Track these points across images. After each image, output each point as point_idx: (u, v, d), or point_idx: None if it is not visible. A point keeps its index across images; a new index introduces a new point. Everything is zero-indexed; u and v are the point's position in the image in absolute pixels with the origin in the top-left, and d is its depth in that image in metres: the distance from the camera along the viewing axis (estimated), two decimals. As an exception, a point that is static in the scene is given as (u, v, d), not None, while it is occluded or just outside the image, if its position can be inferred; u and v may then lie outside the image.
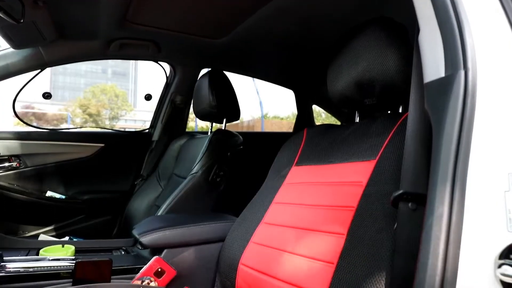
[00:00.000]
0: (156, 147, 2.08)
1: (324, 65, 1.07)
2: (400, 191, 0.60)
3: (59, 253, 1.14)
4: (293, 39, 1.60)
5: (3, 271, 0.92)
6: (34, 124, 1.89)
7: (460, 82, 0.50)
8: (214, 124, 1.81)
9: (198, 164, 1.53)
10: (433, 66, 0.56)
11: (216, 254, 1.09)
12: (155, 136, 2.11)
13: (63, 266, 0.98)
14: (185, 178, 1.54)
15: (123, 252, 1.28)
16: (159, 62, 1.96)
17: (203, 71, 1.99)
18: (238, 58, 1.87)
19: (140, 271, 1.00)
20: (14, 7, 1.09)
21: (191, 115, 2.15)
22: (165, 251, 1.05)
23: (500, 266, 0.46)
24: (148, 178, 2.00)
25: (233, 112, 1.70)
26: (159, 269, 1.01)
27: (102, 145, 1.99)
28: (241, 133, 1.76)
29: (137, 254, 1.23)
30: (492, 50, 0.53)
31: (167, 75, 2.08)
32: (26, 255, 1.13)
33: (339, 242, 0.74)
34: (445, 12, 0.55)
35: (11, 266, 0.94)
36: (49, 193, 1.87)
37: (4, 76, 1.47)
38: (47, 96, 1.82)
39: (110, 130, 2.23)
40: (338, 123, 2.56)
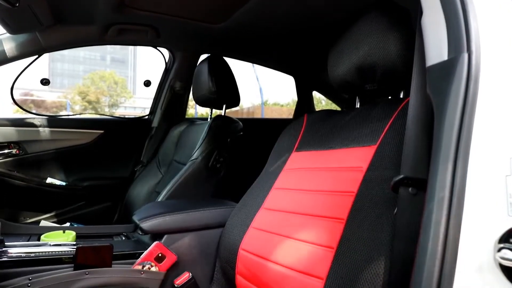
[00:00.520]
0: (156, 133, 2.08)
1: (325, 51, 1.06)
2: (401, 176, 0.60)
3: (60, 238, 1.15)
4: (293, 24, 1.58)
5: (5, 256, 0.93)
6: (33, 111, 1.88)
7: (463, 65, 0.49)
8: (214, 110, 1.80)
9: (198, 150, 1.52)
10: (436, 49, 0.55)
11: (216, 239, 1.10)
12: (155, 123, 2.10)
13: (64, 251, 0.98)
14: (185, 164, 1.54)
15: (123, 238, 1.29)
16: (158, 47, 1.94)
17: (203, 56, 1.97)
18: (238, 44, 1.85)
19: (141, 256, 1.01)
20: (9, -10, 1.07)
21: (191, 102, 2.13)
22: (165, 236, 1.06)
23: (499, 250, 0.46)
24: (148, 164, 2.00)
25: (233, 98, 1.69)
26: (160, 254, 1.01)
27: (102, 131, 1.99)
28: (241, 120, 1.75)
29: (137, 239, 1.24)
30: (496, 34, 0.52)
31: (166, 61, 2.06)
32: (27, 241, 1.14)
33: (339, 227, 0.74)
34: (449, -6, 0.54)
35: (13, 252, 0.95)
36: (49, 180, 1.88)
37: (0, 62, 1.45)
38: (45, 82, 1.80)
39: (109, 117, 2.22)
40: (339, 109, 2.55)
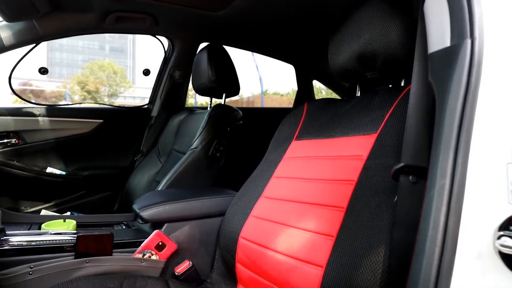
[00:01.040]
0: (155, 122, 2.07)
1: (326, 39, 1.04)
2: (401, 164, 0.60)
3: (61, 227, 1.15)
4: (293, 12, 1.56)
5: (6, 245, 0.93)
6: (32, 101, 1.87)
7: (466, 52, 0.48)
8: (213, 99, 1.79)
9: (197, 139, 1.52)
10: (439, 35, 0.54)
11: (216, 228, 1.10)
12: (154, 112, 2.09)
13: (65, 240, 0.99)
14: (184, 153, 1.54)
15: (124, 227, 1.29)
16: (157, 36, 1.92)
17: (202, 45, 1.95)
18: (238, 32, 1.83)
19: (141, 244, 1.02)
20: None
21: (191, 91, 2.12)
22: (165, 225, 1.06)
23: (499, 237, 0.46)
24: (148, 154, 2.00)
25: (232, 87, 1.68)
26: (160, 243, 1.02)
27: (101, 121, 1.98)
28: (241, 109, 1.74)
29: (138, 228, 1.24)
30: (501, 20, 0.51)
31: (165, 50, 2.04)
32: (28, 230, 1.14)
33: (339, 215, 0.74)
34: (452, -21, 0.53)
35: (14, 240, 0.95)
36: (49, 169, 1.88)
37: (-2, 51, 1.44)
38: (43, 71, 1.78)
39: (108, 106, 2.21)
40: (339, 98, 2.54)
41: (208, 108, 1.74)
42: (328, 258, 0.70)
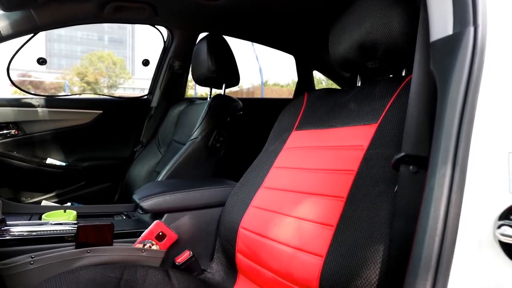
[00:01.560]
0: (155, 113, 2.06)
1: (326, 28, 1.03)
2: (402, 154, 0.59)
3: (61, 217, 1.16)
4: (294, 1, 1.54)
5: (7, 235, 0.94)
6: (32, 92, 1.86)
7: (468, 39, 0.48)
8: (213, 90, 1.78)
9: (197, 130, 1.52)
10: (441, 23, 0.53)
11: (216, 218, 1.11)
12: (154, 102, 2.08)
13: (66, 230, 0.99)
14: (184, 144, 1.54)
15: (124, 217, 1.30)
16: (156, 26, 1.90)
17: (202, 35, 1.93)
18: (237, 21, 1.81)
19: (142, 235, 1.02)
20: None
21: (191, 82, 2.11)
22: (165, 215, 1.07)
23: (499, 226, 0.46)
24: (147, 144, 2.00)
25: (232, 77, 1.67)
26: (160, 233, 1.02)
27: (100, 111, 1.97)
28: (241, 99, 1.73)
29: (138, 218, 1.25)
30: (504, 7, 0.50)
31: (165, 40, 2.03)
32: (29, 220, 1.15)
33: (339, 205, 0.74)
34: (455, -35, 0.52)
35: (15, 230, 0.96)
36: (49, 160, 1.88)
37: (-5, 41, 1.43)
38: (41, 61, 1.77)
39: (108, 97, 2.20)
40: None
41: (208, 99, 1.73)
42: (328, 248, 0.70)
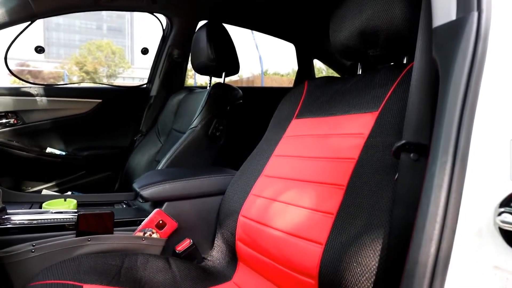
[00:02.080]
0: (155, 102, 2.05)
1: (327, 16, 1.02)
2: (403, 141, 0.59)
3: (62, 206, 1.16)
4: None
5: (8, 223, 0.94)
6: (30, 81, 1.85)
7: (472, 25, 0.47)
8: (213, 79, 1.77)
9: (197, 118, 1.51)
10: (444, 8, 0.52)
11: (216, 206, 1.11)
12: (153, 91, 2.07)
13: (66, 218, 0.99)
14: (184, 133, 1.53)
15: (124, 206, 1.30)
16: (155, 13, 1.88)
17: (201, 23, 1.91)
18: (237, 9, 1.79)
19: (142, 223, 1.02)
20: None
21: (190, 71, 2.10)
22: (165, 204, 1.07)
23: (500, 214, 0.46)
24: (147, 133, 1.99)
25: (232, 65, 1.65)
26: (160, 221, 1.03)
27: (100, 100, 1.96)
28: (241, 88, 1.72)
29: (138, 207, 1.25)
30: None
31: (164, 28, 2.01)
32: (29, 209, 1.15)
33: (339, 193, 0.74)
34: None
35: (16, 219, 0.96)
36: (48, 150, 1.87)
37: (-8, 29, 1.41)
38: (39, 50, 1.76)
39: (107, 86, 2.19)
40: (340, 78, 2.51)
41: (208, 87, 1.72)
42: (328, 236, 0.70)
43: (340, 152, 0.81)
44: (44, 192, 1.76)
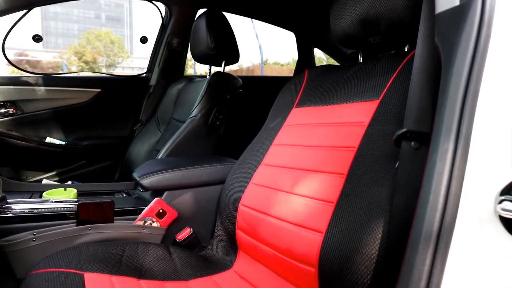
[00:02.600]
0: (154, 91, 2.04)
1: (327, 4, 1.01)
2: (404, 130, 0.59)
3: (62, 195, 1.16)
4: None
5: (9, 212, 0.94)
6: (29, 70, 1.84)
7: (476, 10, 0.46)
8: (213, 68, 1.75)
9: (197, 108, 1.50)
10: (447, -6, 0.52)
11: (217, 195, 1.11)
12: (153, 81, 2.06)
13: (67, 207, 1.00)
14: (184, 122, 1.53)
15: (124, 195, 1.30)
16: (153, 2, 1.85)
17: (200, 11, 1.89)
18: (237, -3, 1.77)
19: (142, 212, 1.03)
20: None
21: (190, 61, 2.08)
22: (166, 193, 1.07)
23: (501, 202, 0.46)
24: (147, 123, 1.99)
25: (232, 54, 1.64)
26: (161, 210, 1.03)
27: (99, 90, 1.96)
28: (241, 77, 1.71)
29: (138, 196, 1.25)
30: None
31: (163, 16, 1.99)
32: (30, 198, 1.15)
33: (339, 182, 0.74)
34: None
35: (16, 208, 0.96)
36: (48, 139, 1.87)
37: (-12, 17, 1.39)
38: (37, 38, 1.74)
39: (106, 75, 2.18)
40: (340, 68, 2.49)
41: (207, 76, 1.71)
42: (328, 224, 0.71)
43: (340, 140, 0.81)
44: (44, 181, 1.76)
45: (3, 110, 1.76)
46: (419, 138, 0.58)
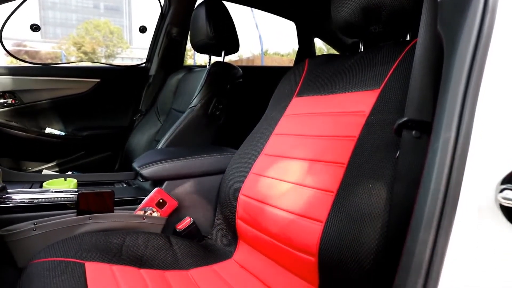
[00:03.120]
0: (154, 81, 2.03)
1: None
2: (405, 119, 0.58)
3: (62, 185, 1.16)
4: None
5: (9, 202, 0.94)
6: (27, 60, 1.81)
7: (479, -4, 0.45)
8: (212, 58, 1.74)
9: (196, 97, 1.49)
10: (450, -20, 0.51)
11: (217, 185, 1.11)
12: (152, 71, 2.05)
13: (67, 197, 1.00)
14: (184, 112, 1.52)
15: (124, 185, 1.30)
16: (152, -10, 1.84)
17: (200, 0, 1.87)
18: (236, -15, 1.75)
19: (142, 202, 1.03)
20: None
21: (190, 51, 2.07)
22: (166, 183, 1.07)
23: (501, 191, 0.46)
24: (147, 113, 1.98)
25: (232, 43, 1.62)
26: (161, 200, 1.03)
27: (98, 80, 1.94)
28: (241, 67, 1.70)
29: (138, 186, 1.25)
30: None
31: (162, 6, 1.97)
32: (30, 188, 1.15)
33: (340, 171, 0.74)
34: None
35: (16, 198, 0.96)
36: (48, 130, 1.87)
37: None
38: (35, 28, 1.72)
39: (105, 65, 2.16)
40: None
41: (207, 66, 1.70)
42: (328, 213, 0.71)
43: (340, 130, 0.80)
44: (44, 172, 1.76)
45: (1, 101, 1.75)
46: (420, 127, 0.58)
